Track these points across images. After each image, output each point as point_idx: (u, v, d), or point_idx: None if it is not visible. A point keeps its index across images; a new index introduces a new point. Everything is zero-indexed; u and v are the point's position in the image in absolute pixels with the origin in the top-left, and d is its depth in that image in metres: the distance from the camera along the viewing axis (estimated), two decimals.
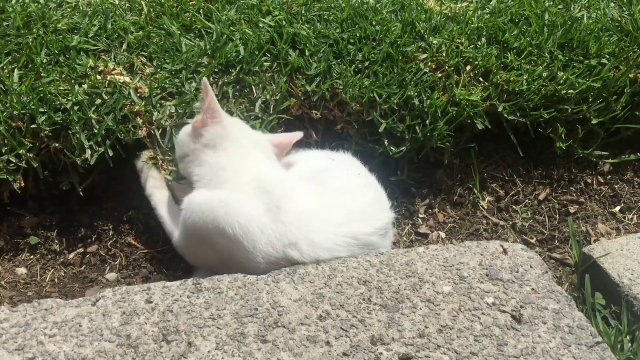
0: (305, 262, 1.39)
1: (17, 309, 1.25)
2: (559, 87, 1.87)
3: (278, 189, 1.44)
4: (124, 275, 1.62)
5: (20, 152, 1.55)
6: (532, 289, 1.35)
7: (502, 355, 1.20)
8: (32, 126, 1.57)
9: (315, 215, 1.43)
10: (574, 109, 1.89)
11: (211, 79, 1.73)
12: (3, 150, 1.54)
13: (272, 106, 1.73)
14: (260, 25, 1.92)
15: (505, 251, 1.45)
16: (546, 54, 1.96)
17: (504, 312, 1.29)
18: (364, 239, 1.44)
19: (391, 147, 1.77)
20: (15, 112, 1.56)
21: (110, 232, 1.70)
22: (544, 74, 1.89)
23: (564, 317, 1.29)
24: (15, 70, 1.67)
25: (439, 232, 1.80)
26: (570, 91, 1.87)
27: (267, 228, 1.39)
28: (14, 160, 1.54)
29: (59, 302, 1.26)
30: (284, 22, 1.92)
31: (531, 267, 1.41)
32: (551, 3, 2.25)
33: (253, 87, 1.74)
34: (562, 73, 1.90)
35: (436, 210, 1.87)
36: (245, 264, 1.40)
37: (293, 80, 1.79)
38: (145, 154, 1.66)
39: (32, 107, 1.56)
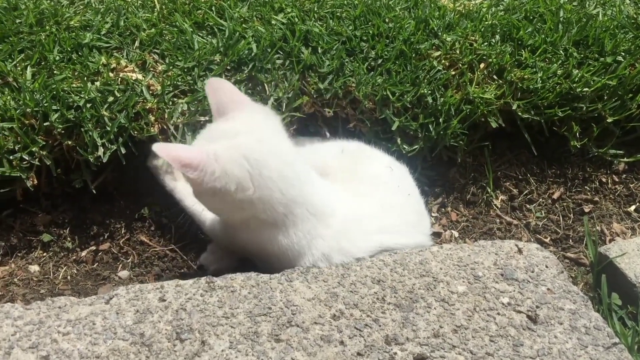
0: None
1: (31, 307, 1.25)
2: (574, 85, 1.85)
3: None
4: (136, 273, 1.62)
5: (33, 149, 1.55)
6: (548, 289, 1.34)
7: (518, 356, 1.19)
8: (45, 124, 1.57)
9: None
10: (589, 107, 1.87)
11: (223, 76, 1.73)
12: (16, 148, 1.54)
13: (284, 104, 1.72)
14: (273, 22, 1.91)
15: (520, 251, 1.44)
16: (561, 52, 1.94)
17: (520, 312, 1.28)
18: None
19: (404, 146, 1.76)
20: (29, 110, 1.56)
21: (123, 230, 1.70)
22: (559, 72, 1.87)
23: (581, 318, 1.27)
24: (28, 67, 1.67)
25: (452, 231, 1.79)
26: (585, 89, 1.85)
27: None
28: (27, 158, 1.54)
29: (72, 300, 1.26)
30: (296, 20, 1.92)
31: (547, 267, 1.40)
32: (566, 0, 2.22)
33: (265, 84, 1.74)
34: (577, 71, 1.88)
35: (449, 209, 1.85)
36: None
37: (305, 78, 1.78)
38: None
39: (45, 104, 1.56)
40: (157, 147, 1.22)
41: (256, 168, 1.29)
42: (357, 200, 1.49)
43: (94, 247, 1.67)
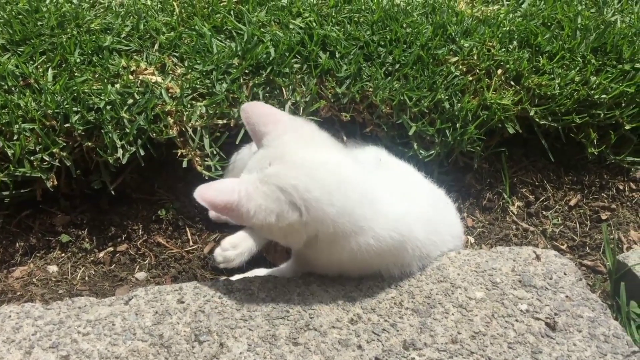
0: None
1: (51, 307, 1.26)
2: (592, 91, 1.84)
3: None
4: (153, 274, 1.63)
5: (54, 150, 1.56)
6: (567, 296, 1.33)
7: None
8: (66, 125, 1.58)
9: None
10: (607, 114, 1.86)
11: (241, 80, 1.73)
12: (37, 149, 1.55)
13: (301, 108, 1.73)
14: (291, 26, 1.92)
15: (538, 257, 1.44)
16: (579, 58, 1.93)
17: (538, 319, 1.27)
18: None
19: (421, 151, 1.76)
20: (50, 111, 1.58)
21: (140, 232, 1.72)
22: (577, 79, 1.86)
23: (600, 326, 1.27)
24: (50, 69, 1.69)
25: (468, 236, 1.79)
26: (603, 96, 1.84)
27: None
28: (48, 159, 1.56)
29: (92, 301, 1.28)
30: (314, 24, 1.92)
31: (565, 274, 1.39)
32: (584, 7, 2.22)
33: (283, 88, 1.74)
34: (594, 78, 1.87)
35: (465, 214, 1.85)
36: None
37: (323, 82, 1.78)
38: None
39: (66, 106, 1.58)
40: (197, 193, 1.21)
41: (296, 194, 1.23)
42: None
43: (111, 248, 1.68)
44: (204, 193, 1.22)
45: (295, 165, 1.26)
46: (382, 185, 1.38)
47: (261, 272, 1.52)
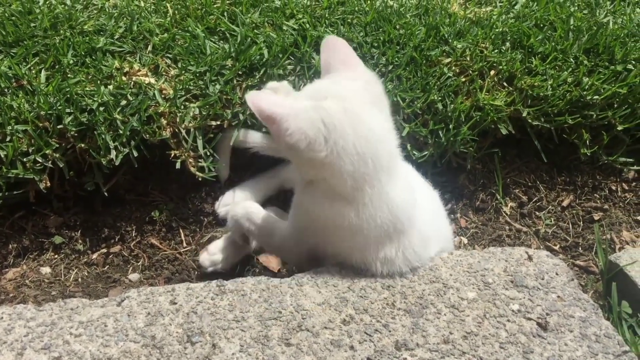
0: None
1: (44, 308, 1.26)
2: (584, 92, 1.85)
3: None
4: (147, 276, 1.63)
5: (47, 152, 1.56)
6: (558, 296, 1.34)
7: None
8: (59, 127, 1.58)
9: None
10: (599, 115, 1.87)
11: (235, 81, 1.74)
12: (30, 150, 1.55)
13: None
14: (284, 28, 1.93)
15: (530, 258, 1.44)
16: (571, 59, 1.94)
17: (530, 319, 1.28)
18: None
19: (414, 152, 1.76)
20: (42, 113, 1.58)
21: (133, 233, 1.72)
22: (569, 80, 1.87)
23: (591, 326, 1.27)
24: (43, 71, 1.69)
25: (462, 237, 1.79)
26: (595, 97, 1.85)
27: None
28: (41, 160, 1.56)
29: (84, 302, 1.27)
30: (307, 25, 1.92)
31: (557, 274, 1.40)
32: (576, 8, 2.23)
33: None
34: (587, 79, 1.88)
35: (458, 215, 1.86)
36: None
37: None
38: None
39: (59, 107, 1.58)
40: (249, 98, 1.25)
41: (332, 134, 1.24)
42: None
43: (104, 250, 1.68)
44: (256, 99, 1.25)
45: (346, 111, 1.27)
46: (403, 175, 1.39)
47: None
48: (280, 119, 1.24)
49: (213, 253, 1.64)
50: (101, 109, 1.61)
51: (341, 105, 1.27)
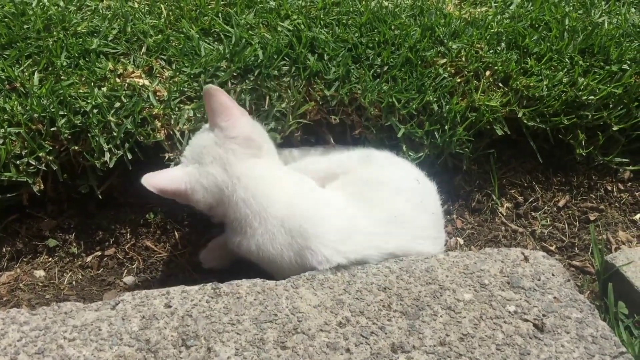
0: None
1: (37, 312, 1.25)
2: (580, 93, 1.85)
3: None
4: (142, 278, 1.62)
5: (40, 154, 1.55)
6: (555, 297, 1.33)
7: None
8: (52, 129, 1.57)
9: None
10: (595, 115, 1.87)
11: (230, 83, 1.73)
12: (23, 153, 1.54)
13: (290, 111, 1.72)
14: (279, 29, 1.92)
15: (526, 259, 1.44)
16: (566, 60, 1.94)
17: (526, 320, 1.27)
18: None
19: (410, 153, 1.76)
20: (36, 115, 1.57)
21: (128, 236, 1.71)
22: (565, 80, 1.87)
23: (587, 327, 1.27)
24: (36, 73, 1.68)
25: (458, 238, 1.79)
26: (590, 97, 1.85)
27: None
28: (34, 163, 1.55)
29: (78, 306, 1.27)
30: (302, 26, 1.92)
31: (553, 275, 1.40)
32: (571, 8, 2.23)
33: (271, 91, 1.74)
34: (582, 79, 1.88)
35: (455, 216, 1.85)
36: None
37: (312, 84, 1.78)
38: None
39: (52, 110, 1.57)
40: (145, 181, 1.39)
41: (226, 193, 1.43)
42: (360, 206, 1.48)
43: (99, 253, 1.67)
44: (152, 180, 1.40)
45: (235, 174, 1.44)
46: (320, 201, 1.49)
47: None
48: (184, 193, 1.45)
49: (213, 250, 1.64)
50: (95, 111, 1.60)
51: (229, 169, 1.44)
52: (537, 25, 2.10)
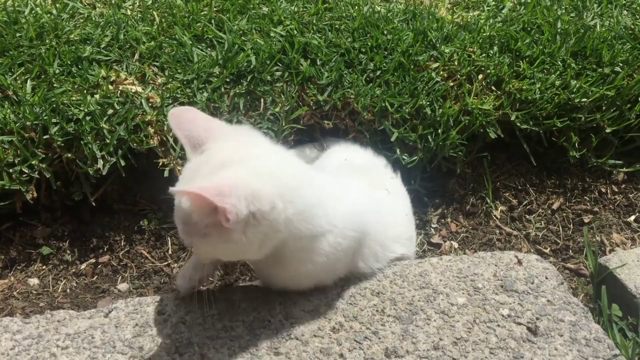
0: None
1: (30, 321, 1.25)
2: (572, 95, 1.85)
3: None
4: (136, 285, 1.62)
5: (33, 162, 1.55)
6: (548, 300, 1.33)
7: None
8: (45, 137, 1.57)
9: None
10: (588, 118, 1.87)
11: (222, 89, 1.73)
12: (16, 161, 1.54)
13: (283, 116, 1.73)
14: (272, 35, 1.92)
15: (520, 262, 1.44)
16: (559, 63, 1.95)
17: (520, 324, 1.27)
18: None
19: (403, 157, 1.76)
20: (28, 123, 1.57)
21: (122, 243, 1.70)
22: (557, 83, 1.87)
23: (581, 330, 1.27)
24: (28, 81, 1.67)
25: (452, 242, 1.79)
26: (583, 100, 1.86)
27: None
28: (27, 171, 1.55)
29: (71, 314, 1.26)
30: (295, 32, 1.92)
31: (546, 278, 1.40)
32: (563, 11, 2.24)
33: (264, 97, 1.74)
34: (575, 81, 1.88)
35: (449, 220, 1.85)
36: None
37: (305, 89, 1.78)
38: None
39: (45, 117, 1.57)
40: (173, 189, 1.10)
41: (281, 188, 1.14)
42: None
43: (93, 260, 1.67)
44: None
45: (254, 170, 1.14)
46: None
47: None
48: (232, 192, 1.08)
49: (184, 276, 1.35)
50: (88, 118, 1.60)
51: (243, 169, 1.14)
52: (529, 29, 2.11)
